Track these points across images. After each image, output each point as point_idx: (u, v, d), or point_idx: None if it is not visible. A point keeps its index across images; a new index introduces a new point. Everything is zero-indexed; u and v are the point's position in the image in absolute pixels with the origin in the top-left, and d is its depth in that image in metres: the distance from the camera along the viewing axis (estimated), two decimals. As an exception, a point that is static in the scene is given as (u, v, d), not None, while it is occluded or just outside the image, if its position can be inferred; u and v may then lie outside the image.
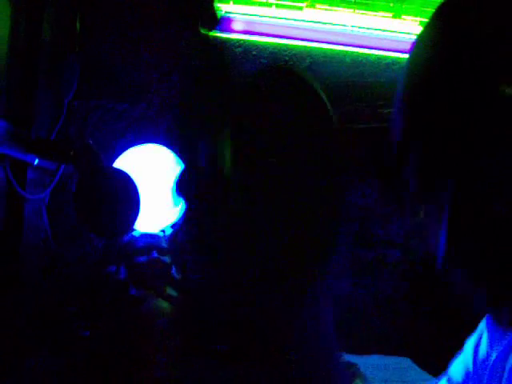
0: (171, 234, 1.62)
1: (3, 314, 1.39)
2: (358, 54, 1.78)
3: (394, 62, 1.76)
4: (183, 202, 1.67)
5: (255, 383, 1.53)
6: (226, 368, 1.63)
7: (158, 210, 1.66)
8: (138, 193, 1.28)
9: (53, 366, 1.51)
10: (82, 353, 1.59)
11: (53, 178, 1.52)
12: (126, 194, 1.28)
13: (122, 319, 1.46)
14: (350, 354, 1.66)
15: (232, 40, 1.76)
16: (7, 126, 1.19)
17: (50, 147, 1.34)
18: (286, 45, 1.78)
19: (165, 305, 1.50)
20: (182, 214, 1.68)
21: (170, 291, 1.53)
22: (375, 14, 1.79)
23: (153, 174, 1.67)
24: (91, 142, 1.34)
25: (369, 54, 1.78)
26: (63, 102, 1.62)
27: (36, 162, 1.38)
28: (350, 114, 1.79)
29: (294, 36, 1.78)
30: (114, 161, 1.64)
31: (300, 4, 1.76)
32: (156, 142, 1.70)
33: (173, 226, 1.65)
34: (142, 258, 1.51)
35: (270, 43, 1.77)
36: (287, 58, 1.74)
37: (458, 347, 0.92)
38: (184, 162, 1.65)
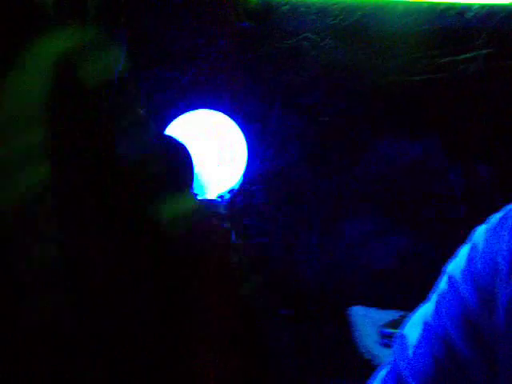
0: (230, 199, 1.62)
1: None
2: (410, 3, 1.71)
3: (449, 7, 1.68)
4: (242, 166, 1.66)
5: (317, 342, 1.53)
6: (291, 330, 1.63)
7: (215, 176, 1.65)
8: (191, 159, 1.27)
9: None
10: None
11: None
12: (178, 160, 1.27)
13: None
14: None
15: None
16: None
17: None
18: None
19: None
20: (240, 180, 1.67)
21: (232, 257, 1.52)
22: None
23: (207, 139, 1.66)
24: (141, 111, 1.33)
25: (421, 2, 1.70)
26: (113, 75, 1.62)
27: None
28: (405, 65, 1.72)
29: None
30: (166, 129, 1.63)
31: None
32: (208, 108, 1.69)
33: (231, 191, 1.64)
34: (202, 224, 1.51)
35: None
36: (337, 13, 1.69)
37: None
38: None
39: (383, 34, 1.70)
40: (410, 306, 1.64)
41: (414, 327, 0.69)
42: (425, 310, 0.70)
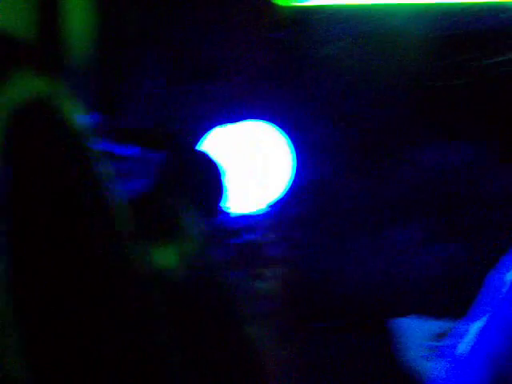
0: (269, 212, 1.60)
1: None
2: (446, 6, 1.67)
3: (484, 8, 1.63)
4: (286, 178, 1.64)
5: (359, 356, 1.50)
6: (338, 343, 1.60)
7: (258, 187, 1.64)
8: (221, 174, 1.26)
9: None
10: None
11: (144, 167, 1.53)
12: (209, 177, 1.26)
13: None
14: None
15: (313, 7, 1.70)
16: (99, 119, 1.20)
17: (136, 135, 1.35)
18: (372, 5, 1.69)
19: (266, 286, 1.48)
20: (283, 191, 1.65)
21: (274, 271, 1.51)
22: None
23: (250, 151, 1.65)
24: (178, 127, 1.33)
25: (456, 4, 1.66)
26: (151, 90, 1.63)
27: (122, 151, 1.39)
28: (444, 70, 1.68)
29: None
30: (207, 143, 1.63)
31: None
32: (246, 119, 1.68)
33: (274, 203, 1.63)
34: (240, 240, 1.50)
35: (352, 5, 1.69)
36: (373, 19, 1.66)
37: None
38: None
39: (420, 39, 1.66)
40: (459, 315, 1.60)
41: (465, 340, 0.66)
42: (477, 321, 0.66)
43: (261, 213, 1.59)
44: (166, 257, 0.57)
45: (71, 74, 1.18)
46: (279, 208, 1.65)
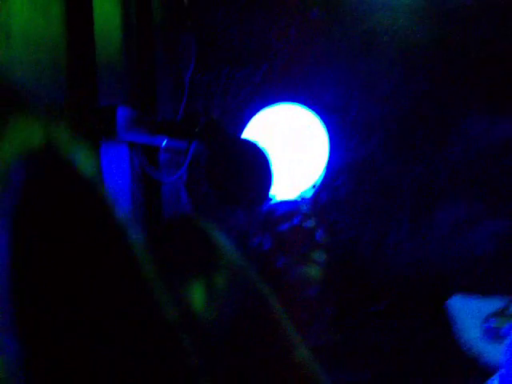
0: (312, 197, 1.57)
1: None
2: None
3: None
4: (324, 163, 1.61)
5: (412, 340, 1.46)
6: (383, 328, 1.57)
7: (296, 173, 1.61)
8: (268, 161, 1.23)
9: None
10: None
11: (185, 158, 1.51)
12: (256, 164, 1.23)
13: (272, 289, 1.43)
14: None
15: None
16: (132, 112, 1.18)
17: (174, 127, 1.33)
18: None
19: (313, 271, 1.45)
20: (322, 175, 1.62)
21: (317, 256, 1.48)
22: None
23: (287, 135, 1.62)
24: (216, 115, 1.30)
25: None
26: (184, 80, 1.61)
27: (164, 143, 1.37)
28: (489, 35, 1.61)
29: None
30: (243, 129, 1.61)
31: None
32: (285, 102, 1.65)
33: (313, 188, 1.59)
34: (285, 226, 1.47)
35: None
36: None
37: None
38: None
39: (461, 5, 1.60)
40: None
41: None
42: None
43: (302, 198, 1.56)
44: (197, 296, 0.53)
45: (106, 73, 1.16)
46: (320, 192, 1.62)
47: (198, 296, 0.51)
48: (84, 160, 0.44)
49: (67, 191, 0.41)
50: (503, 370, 0.64)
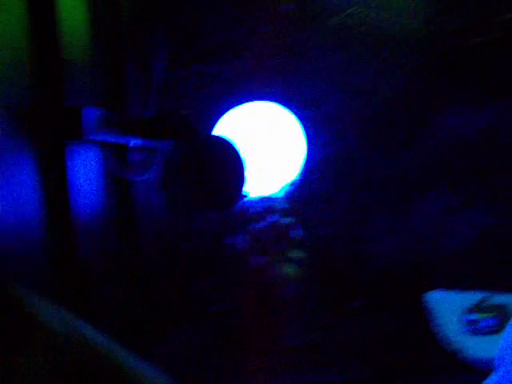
0: (288, 193, 1.55)
1: (133, 294, 1.39)
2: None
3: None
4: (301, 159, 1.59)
5: (396, 333, 1.45)
6: (365, 322, 1.56)
7: (272, 169, 1.59)
8: (241, 158, 1.21)
9: (190, 340, 1.51)
10: (214, 326, 1.58)
11: (155, 157, 1.48)
12: (228, 162, 1.21)
13: (249, 289, 1.41)
14: (503, 292, 1.53)
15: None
16: (101, 112, 1.15)
17: (145, 126, 1.30)
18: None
19: (291, 269, 1.44)
20: (298, 171, 1.60)
21: (295, 253, 1.46)
22: None
23: (261, 132, 1.60)
24: (186, 113, 1.28)
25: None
26: (154, 77, 1.58)
27: (134, 143, 1.34)
28: (465, 27, 1.60)
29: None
30: (214, 127, 1.58)
31: None
32: (258, 99, 1.63)
33: (290, 184, 1.57)
34: (261, 224, 1.45)
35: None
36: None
37: None
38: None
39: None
40: (493, 285, 1.54)
41: None
42: None
43: (279, 195, 1.54)
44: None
45: (72, 72, 1.13)
46: (296, 188, 1.60)
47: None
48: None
49: None
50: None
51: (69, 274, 1.06)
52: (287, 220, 1.48)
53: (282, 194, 1.55)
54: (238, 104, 1.61)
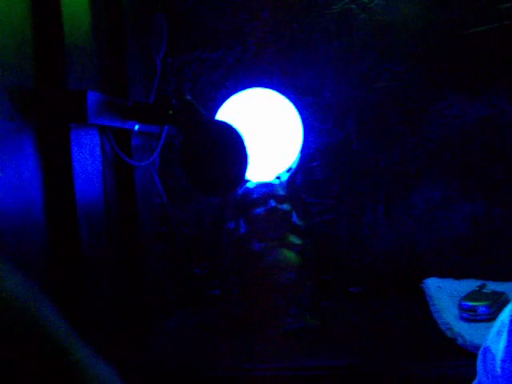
0: (288, 180, 1.56)
1: (133, 280, 1.40)
2: None
3: None
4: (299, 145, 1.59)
5: (391, 319, 1.46)
6: (362, 309, 1.57)
7: (271, 156, 1.59)
8: (244, 143, 1.21)
9: (188, 325, 1.52)
10: (213, 311, 1.59)
11: (157, 142, 1.48)
12: (231, 147, 1.21)
13: (248, 275, 1.42)
14: (497, 281, 1.55)
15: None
16: (102, 96, 1.15)
17: (147, 111, 1.30)
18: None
19: (290, 254, 1.45)
20: (297, 157, 1.61)
21: (294, 239, 1.47)
22: None
23: (260, 119, 1.60)
24: (190, 97, 1.28)
25: None
26: (156, 62, 1.58)
27: (136, 127, 1.35)
28: (464, 17, 1.61)
29: None
30: (216, 112, 1.58)
31: None
32: (258, 86, 1.63)
33: (288, 171, 1.58)
34: (260, 209, 1.46)
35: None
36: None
37: None
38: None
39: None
40: (487, 274, 1.56)
41: (498, 338, 0.60)
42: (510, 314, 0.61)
43: (278, 181, 1.54)
44: None
45: (75, 56, 1.13)
46: (295, 175, 1.60)
47: None
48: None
49: None
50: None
51: (70, 257, 1.07)
52: (286, 206, 1.49)
53: (281, 180, 1.55)
54: (238, 90, 1.61)
